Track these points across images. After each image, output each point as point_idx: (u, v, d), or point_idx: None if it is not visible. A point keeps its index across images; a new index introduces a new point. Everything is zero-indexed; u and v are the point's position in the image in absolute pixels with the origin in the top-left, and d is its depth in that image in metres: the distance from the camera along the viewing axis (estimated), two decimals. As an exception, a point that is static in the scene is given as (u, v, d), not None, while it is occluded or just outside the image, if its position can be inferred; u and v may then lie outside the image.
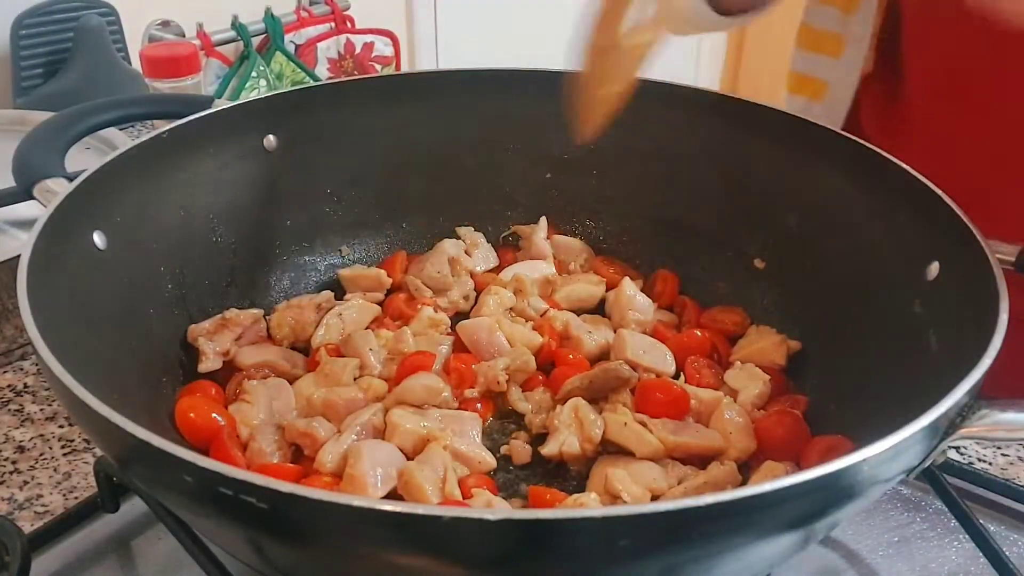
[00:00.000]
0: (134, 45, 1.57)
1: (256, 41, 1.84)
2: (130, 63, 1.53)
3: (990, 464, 0.76)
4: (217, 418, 0.69)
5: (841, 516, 0.49)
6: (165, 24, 1.71)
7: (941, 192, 0.67)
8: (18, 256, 0.57)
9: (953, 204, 0.65)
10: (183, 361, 0.75)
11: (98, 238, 0.67)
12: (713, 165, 0.87)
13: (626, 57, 0.69)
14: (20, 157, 0.72)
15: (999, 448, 0.78)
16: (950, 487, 0.69)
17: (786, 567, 0.66)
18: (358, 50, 2.03)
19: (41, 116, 0.99)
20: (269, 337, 0.81)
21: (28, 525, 0.68)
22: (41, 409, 0.81)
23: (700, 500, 0.40)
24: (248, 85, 1.80)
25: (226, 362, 0.76)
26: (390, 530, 0.41)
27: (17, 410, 0.81)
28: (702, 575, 0.48)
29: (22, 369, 0.86)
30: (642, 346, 0.79)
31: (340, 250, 0.92)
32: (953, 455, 0.76)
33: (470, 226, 0.94)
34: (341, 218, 0.91)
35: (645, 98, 0.87)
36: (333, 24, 1.98)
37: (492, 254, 0.94)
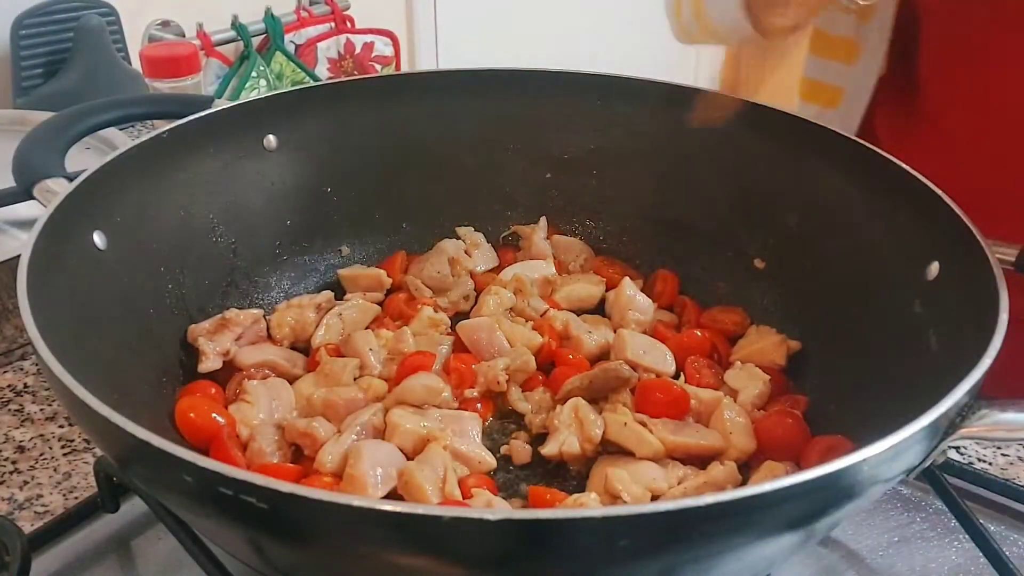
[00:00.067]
0: (134, 45, 1.57)
1: (256, 41, 1.84)
2: (130, 63, 1.53)
3: (990, 464, 0.76)
4: (217, 418, 0.69)
5: (841, 516, 0.49)
6: (165, 24, 1.71)
7: (941, 192, 0.67)
8: (18, 256, 0.57)
9: (953, 204, 0.65)
10: (183, 361, 0.75)
11: (98, 238, 0.67)
12: (713, 165, 0.87)
13: None
14: (20, 157, 0.72)
15: (999, 448, 0.78)
16: (950, 487, 0.69)
17: (786, 567, 0.66)
18: (358, 50, 2.03)
19: (41, 116, 0.99)
20: (269, 337, 0.81)
21: (28, 525, 0.68)
22: (41, 409, 0.81)
23: (700, 500, 0.40)
24: (248, 85, 1.80)
25: (226, 362, 0.76)
26: (390, 530, 0.41)
27: (17, 410, 0.81)
28: (702, 575, 0.48)
29: (22, 369, 0.86)
30: (642, 346, 0.79)
31: (340, 250, 0.92)
32: (953, 455, 0.76)
33: (470, 226, 0.94)
34: (341, 218, 0.91)
35: (645, 98, 0.89)
36: (333, 24, 1.99)
37: (492, 254, 0.94)
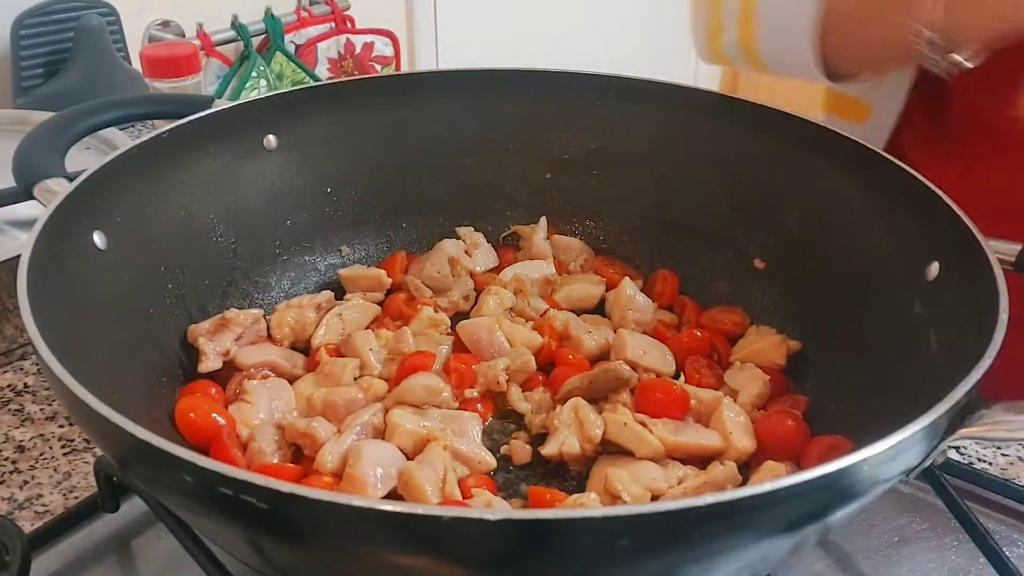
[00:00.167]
0: (134, 45, 1.57)
1: (256, 41, 1.85)
2: (130, 63, 1.53)
3: (990, 464, 0.76)
4: (217, 418, 0.69)
5: (841, 516, 0.49)
6: (165, 24, 1.72)
7: (941, 192, 0.67)
8: (18, 256, 0.57)
9: (953, 204, 0.65)
10: (183, 361, 0.75)
11: (98, 238, 0.67)
12: (713, 165, 0.87)
13: None
14: (20, 157, 0.72)
15: (999, 448, 0.78)
16: (950, 487, 0.69)
17: (786, 567, 0.66)
18: (358, 50, 2.03)
19: (41, 116, 0.99)
20: (269, 337, 0.81)
21: (28, 525, 0.68)
22: (41, 409, 0.81)
23: (700, 500, 0.40)
24: (248, 85, 1.81)
25: (226, 362, 0.76)
26: (390, 530, 0.41)
27: (17, 410, 0.81)
28: (702, 575, 0.48)
29: (22, 369, 0.86)
30: (642, 346, 0.79)
31: (340, 250, 0.92)
32: (953, 455, 0.76)
33: (470, 226, 0.94)
34: (341, 218, 0.91)
35: (645, 98, 0.89)
36: (333, 24, 1.99)
37: (492, 254, 0.94)
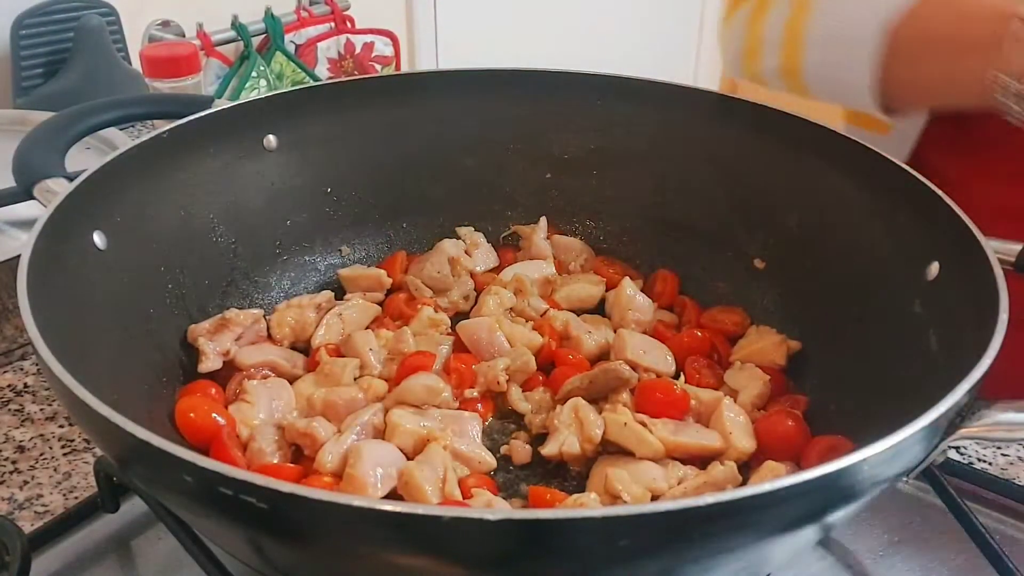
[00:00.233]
0: (134, 45, 1.57)
1: (256, 41, 1.84)
2: (130, 63, 1.53)
3: (990, 464, 0.76)
4: (217, 418, 0.69)
5: (841, 516, 0.49)
6: (165, 24, 1.71)
7: (941, 192, 0.67)
8: (18, 256, 0.57)
9: (953, 204, 0.65)
10: (183, 361, 0.75)
11: (98, 238, 0.67)
12: (713, 165, 0.87)
13: None
14: (20, 157, 0.72)
15: (999, 448, 0.78)
16: (950, 487, 0.69)
17: (786, 567, 0.66)
18: (358, 50, 2.03)
19: (41, 116, 0.99)
20: (269, 337, 0.81)
21: (28, 525, 0.68)
22: (41, 409, 0.81)
23: (700, 500, 0.40)
24: (248, 85, 1.81)
25: (226, 362, 0.76)
26: (390, 530, 0.41)
27: (17, 410, 0.81)
28: (702, 575, 0.48)
29: (22, 369, 0.86)
30: (642, 346, 0.79)
31: (340, 250, 0.92)
32: (953, 455, 0.76)
33: (470, 226, 0.94)
34: (341, 218, 0.91)
35: (645, 98, 0.89)
36: (333, 24, 1.99)
37: (492, 254, 0.94)
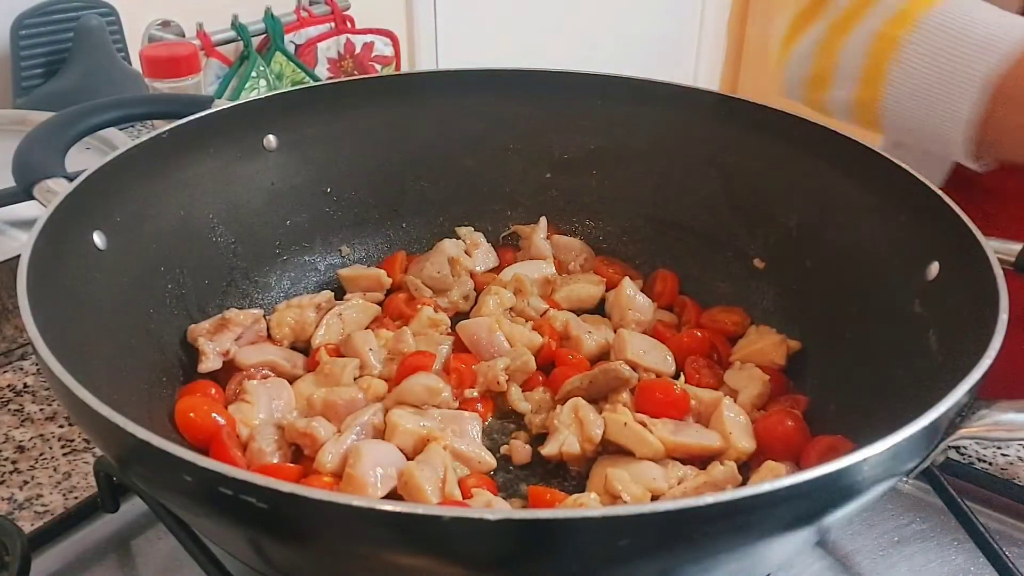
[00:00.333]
0: (134, 45, 1.57)
1: (256, 41, 1.84)
2: (130, 63, 1.52)
3: (990, 464, 0.76)
4: (217, 418, 0.69)
5: (841, 516, 0.49)
6: (165, 24, 1.71)
7: (941, 192, 0.67)
8: (18, 256, 0.57)
9: (953, 204, 0.65)
10: (183, 361, 0.75)
11: (98, 238, 0.67)
12: (713, 165, 0.87)
13: None
14: (20, 157, 0.72)
15: (999, 448, 0.78)
16: (950, 487, 0.69)
17: (786, 567, 0.66)
18: (358, 50, 2.03)
19: (41, 116, 0.99)
20: (269, 337, 0.81)
21: (28, 525, 0.68)
22: (41, 409, 0.81)
23: (700, 500, 0.40)
24: (248, 85, 1.80)
25: (226, 362, 0.76)
26: (390, 530, 0.41)
27: (17, 410, 0.81)
28: (702, 575, 0.48)
29: (22, 369, 0.86)
30: (642, 346, 0.79)
31: (340, 250, 0.92)
32: (953, 455, 0.76)
33: (470, 226, 0.94)
34: (341, 218, 0.91)
35: (645, 98, 0.89)
36: (333, 24, 1.98)
37: (492, 254, 0.94)
